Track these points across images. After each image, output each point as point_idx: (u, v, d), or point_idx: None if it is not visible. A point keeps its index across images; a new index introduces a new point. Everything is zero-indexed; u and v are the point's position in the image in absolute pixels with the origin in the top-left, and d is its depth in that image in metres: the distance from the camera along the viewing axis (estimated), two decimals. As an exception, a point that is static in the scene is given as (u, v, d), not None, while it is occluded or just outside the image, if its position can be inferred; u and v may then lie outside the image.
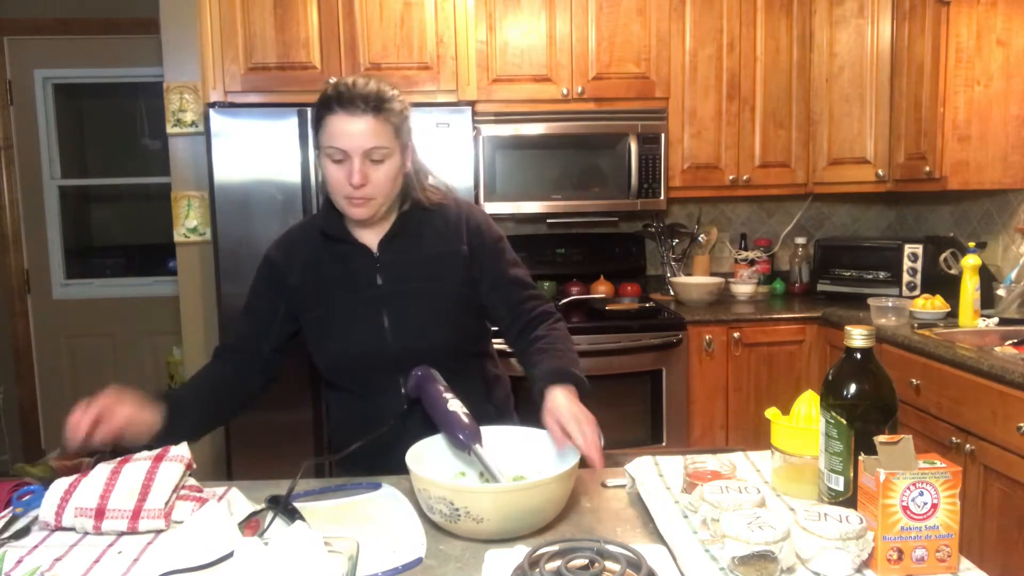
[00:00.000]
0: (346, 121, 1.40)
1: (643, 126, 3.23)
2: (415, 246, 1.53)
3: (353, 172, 1.40)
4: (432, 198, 1.57)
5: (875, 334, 1.13)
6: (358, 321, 1.50)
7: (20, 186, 4.18)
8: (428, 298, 1.52)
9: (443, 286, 1.53)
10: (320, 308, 1.52)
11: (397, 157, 1.46)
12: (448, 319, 1.53)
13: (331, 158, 1.43)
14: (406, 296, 1.51)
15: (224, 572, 0.96)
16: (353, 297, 1.51)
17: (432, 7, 3.10)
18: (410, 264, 1.52)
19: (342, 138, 1.41)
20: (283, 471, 1.40)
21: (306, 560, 0.93)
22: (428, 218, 1.56)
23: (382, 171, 1.43)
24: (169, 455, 1.27)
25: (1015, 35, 2.81)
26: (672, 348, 3.04)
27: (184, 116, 3.09)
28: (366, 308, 1.50)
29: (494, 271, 1.57)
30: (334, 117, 1.41)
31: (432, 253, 1.54)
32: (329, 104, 1.42)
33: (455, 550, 1.13)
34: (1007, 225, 3.07)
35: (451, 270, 1.54)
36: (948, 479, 0.98)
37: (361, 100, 1.40)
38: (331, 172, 1.44)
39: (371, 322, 1.50)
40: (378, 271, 1.52)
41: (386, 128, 1.42)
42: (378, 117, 1.41)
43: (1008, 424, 2.07)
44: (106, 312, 4.27)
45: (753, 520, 0.98)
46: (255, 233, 2.88)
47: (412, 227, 1.54)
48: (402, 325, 1.50)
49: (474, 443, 1.29)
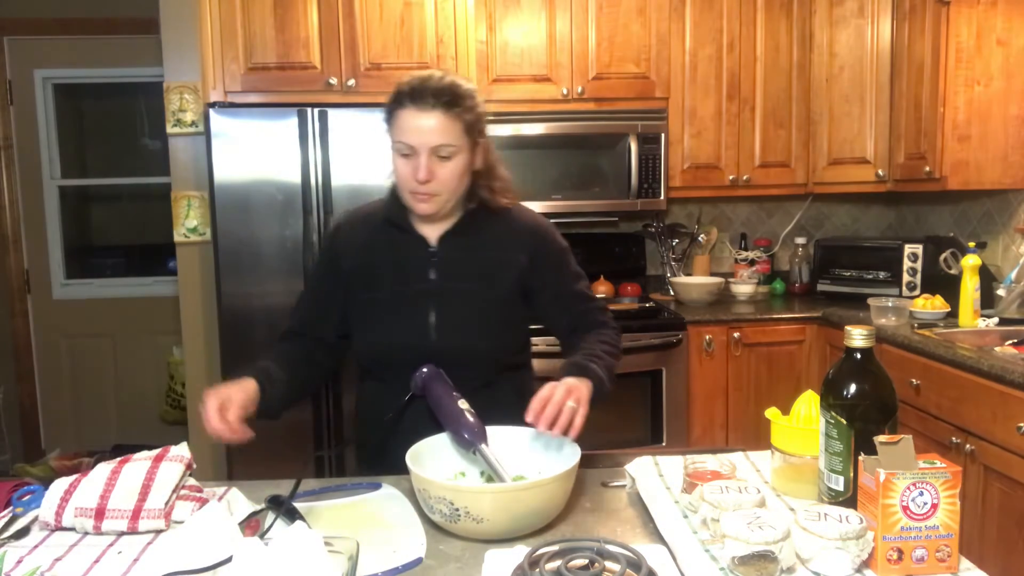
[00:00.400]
0: (415, 116, 1.40)
1: (643, 126, 3.23)
2: (474, 246, 1.53)
3: (420, 168, 1.41)
4: (500, 201, 1.55)
5: (875, 334, 1.13)
6: (404, 312, 1.50)
7: (20, 186, 4.18)
8: (477, 301, 1.51)
9: (494, 292, 1.52)
10: (369, 293, 1.52)
11: (465, 155, 1.45)
12: (494, 325, 1.52)
13: (399, 152, 1.44)
14: (456, 295, 1.50)
15: (224, 573, 0.96)
16: (403, 288, 1.51)
17: (432, 7, 3.10)
18: (465, 263, 1.52)
19: (410, 133, 1.41)
20: (283, 471, 1.41)
21: (306, 560, 0.93)
22: (492, 220, 1.55)
23: (448, 168, 1.43)
24: (169, 455, 1.27)
25: (1015, 35, 2.81)
26: (672, 348, 3.04)
27: (184, 116, 3.08)
28: (414, 300, 1.50)
29: (556, 283, 1.57)
30: (404, 112, 1.42)
31: (490, 256, 1.53)
32: (401, 99, 1.42)
33: (455, 550, 1.13)
34: (1007, 225, 3.07)
35: (505, 277, 1.52)
36: (948, 479, 0.98)
37: (432, 95, 1.40)
38: (399, 166, 1.45)
39: (417, 316, 1.49)
40: (432, 265, 1.51)
41: (455, 125, 1.42)
42: (448, 114, 1.41)
43: (1008, 424, 2.07)
44: (106, 312, 4.27)
45: (753, 520, 0.98)
46: (255, 233, 2.88)
47: (475, 227, 1.53)
48: (448, 323, 1.49)
49: (480, 443, 1.29)
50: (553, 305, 1.58)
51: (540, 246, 1.56)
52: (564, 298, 1.58)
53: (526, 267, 1.53)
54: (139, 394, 4.29)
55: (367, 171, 2.89)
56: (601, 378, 1.42)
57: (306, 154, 2.89)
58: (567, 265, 1.60)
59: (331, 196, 2.89)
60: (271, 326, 2.89)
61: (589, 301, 1.61)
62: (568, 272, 1.59)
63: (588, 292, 1.62)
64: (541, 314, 1.59)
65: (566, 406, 1.27)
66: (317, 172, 2.89)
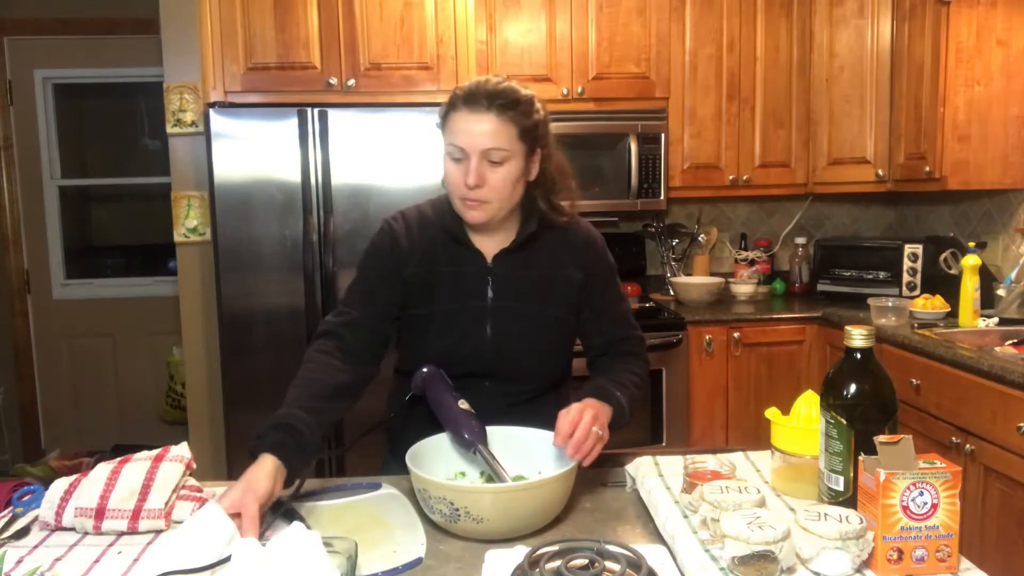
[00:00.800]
0: (467, 119, 1.37)
1: (643, 126, 3.23)
2: (531, 265, 1.49)
3: (469, 172, 1.36)
4: (559, 217, 1.50)
5: (875, 334, 1.13)
6: (462, 328, 1.47)
7: (20, 186, 4.18)
8: (535, 319, 1.48)
9: (552, 311, 1.49)
10: (426, 306, 1.48)
11: (519, 161, 1.40)
12: (551, 343, 1.51)
13: (451, 156, 1.39)
14: (514, 314, 1.47)
15: (223, 573, 0.96)
16: (460, 304, 1.47)
17: (432, 7, 3.10)
18: (523, 282, 1.48)
19: (462, 135, 1.37)
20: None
21: (304, 560, 0.93)
22: (550, 236, 1.50)
23: (500, 174, 1.38)
24: (169, 455, 1.27)
25: (1015, 35, 2.81)
26: (672, 348, 3.04)
27: (184, 116, 3.08)
28: (473, 317, 1.47)
29: (601, 300, 1.54)
30: (457, 114, 1.38)
31: (547, 274, 1.49)
32: (455, 101, 1.39)
33: (455, 550, 1.13)
34: (1007, 225, 3.07)
35: (562, 294, 1.50)
36: (948, 479, 0.98)
37: (485, 98, 1.37)
38: (449, 171, 1.40)
39: (475, 331, 1.47)
40: (490, 284, 1.47)
41: (508, 129, 1.37)
42: (501, 117, 1.36)
43: (1008, 424, 2.07)
44: (106, 312, 4.26)
45: (753, 520, 0.98)
46: (255, 233, 2.88)
47: (532, 244, 1.49)
48: (504, 340, 1.47)
49: (480, 443, 1.29)
50: (592, 322, 1.54)
51: (594, 262, 1.53)
52: (605, 318, 1.55)
53: (580, 282, 1.50)
54: (139, 394, 4.29)
55: (367, 171, 2.89)
56: (623, 409, 1.40)
57: (306, 154, 2.89)
58: (614, 284, 1.56)
59: (331, 196, 2.89)
60: (271, 326, 2.90)
61: (630, 329, 1.57)
62: (613, 292, 1.55)
63: (630, 318, 1.58)
64: (579, 329, 1.56)
65: (592, 432, 1.26)
66: (317, 172, 2.89)
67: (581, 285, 1.50)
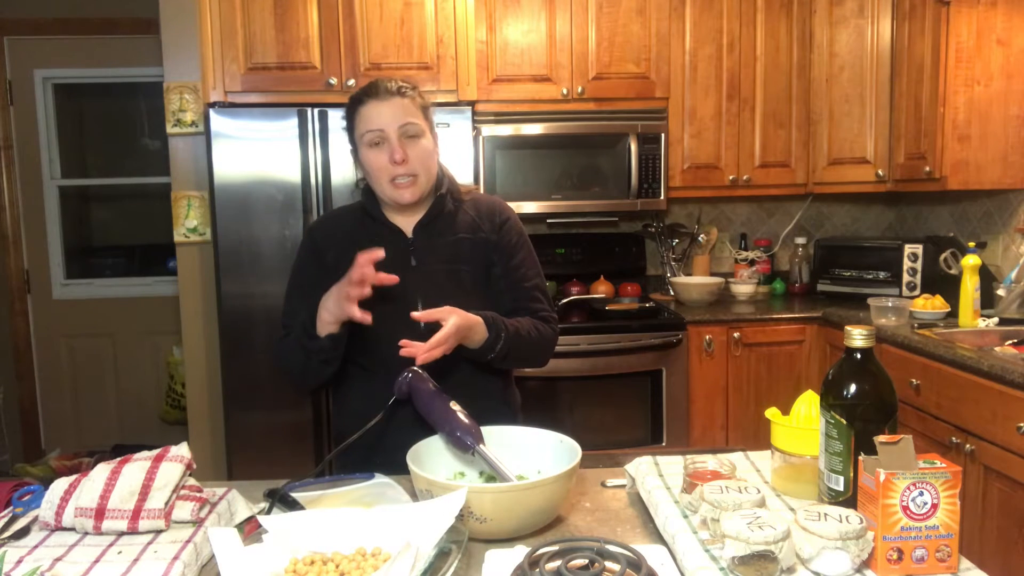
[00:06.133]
0: (378, 106, 1.51)
1: (643, 126, 3.23)
2: (447, 231, 1.60)
3: (394, 149, 1.49)
4: (463, 194, 1.65)
5: (875, 334, 1.13)
6: (393, 302, 1.50)
7: (20, 186, 4.19)
8: (458, 280, 1.58)
9: (472, 268, 1.59)
10: None
11: (430, 137, 1.55)
12: (476, 301, 1.54)
13: (370, 143, 1.51)
14: (438, 276, 1.56)
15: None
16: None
17: (432, 7, 3.10)
18: (441, 247, 1.58)
19: (377, 119, 1.50)
20: (283, 471, 1.41)
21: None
22: (458, 208, 1.63)
23: (420, 146, 1.52)
24: (169, 455, 1.27)
25: (1015, 35, 2.81)
26: (672, 348, 3.04)
27: (184, 116, 3.08)
28: (402, 289, 1.50)
29: (512, 260, 1.62)
30: (366, 107, 1.52)
31: (462, 237, 1.60)
32: (358, 98, 1.54)
33: (455, 550, 1.13)
34: (1007, 225, 3.07)
35: (479, 254, 1.60)
36: (948, 479, 0.98)
37: (385, 89, 1.52)
38: (371, 158, 1.52)
39: (405, 304, 1.52)
40: (412, 253, 1.57)
41: (414, 106, 1.53)
42: (405, 98, 1.52)
43: (1008, 424, 2.07)
44: (106, 312, 4.27)
45: (753, 520, 0.98)
46: (255, 233, 2.88)
47: (444, 215, 1.60)
48: (433, 299, 1.50)
49: (477, 443, 1.29)
50: (504, 279, 1.62)
51: (503, 222, 1.63)
52: (516, 278, 1.62)
53: (495, 242, 1.61)
54: (139, 394, 4.30)
55: (367, 171, 2.89)
56: (499, 331, 1.48)
57: (306, 154, 2.89)
58: (526, 250, 1.65)
59: (331, 196, 2.89)
60: (271, 326, 2.89)
61: (544, 302, 1.64)
62: (526, 256, 1.64)
63: (545, 294, 1.66)
64: (493, 295, 1.61)
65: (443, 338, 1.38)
66: (317, 172, 2.89)
67: (495, 245, 1.61)
